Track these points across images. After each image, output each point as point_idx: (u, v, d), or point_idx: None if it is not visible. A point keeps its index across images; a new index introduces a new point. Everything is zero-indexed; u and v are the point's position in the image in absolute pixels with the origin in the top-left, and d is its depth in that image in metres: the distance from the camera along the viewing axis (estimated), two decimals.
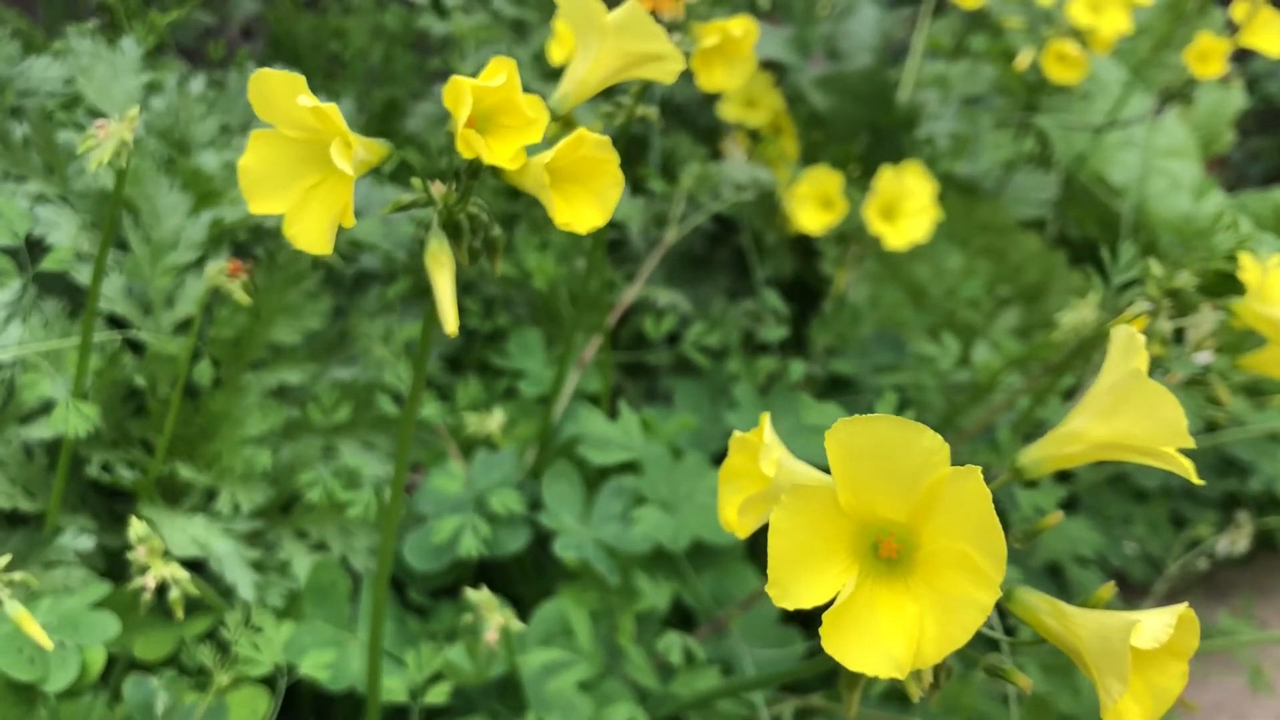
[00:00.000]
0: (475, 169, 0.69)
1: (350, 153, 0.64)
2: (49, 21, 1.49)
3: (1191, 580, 1.41)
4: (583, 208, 0.70)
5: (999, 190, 1.75)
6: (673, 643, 1.08)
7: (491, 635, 0.93)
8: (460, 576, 1.18)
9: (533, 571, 1.24)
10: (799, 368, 1.39)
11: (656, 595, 1.13)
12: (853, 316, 1.52)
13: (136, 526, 0.87)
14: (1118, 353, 0.62)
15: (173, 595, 0.87)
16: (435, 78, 1.72)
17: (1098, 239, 1.78)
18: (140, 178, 1.15)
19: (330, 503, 1.13)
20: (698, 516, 1.18)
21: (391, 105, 1.60)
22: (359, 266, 1.40)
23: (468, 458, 1.24)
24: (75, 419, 0.96)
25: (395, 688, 1.01)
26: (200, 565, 1.04)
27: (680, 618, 1.21)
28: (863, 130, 1.73)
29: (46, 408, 1.05)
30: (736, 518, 0.63)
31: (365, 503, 1.12)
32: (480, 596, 0.95)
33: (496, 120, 0.69)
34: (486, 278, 1.46)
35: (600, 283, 1.34)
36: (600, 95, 1.09)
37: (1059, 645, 0.58)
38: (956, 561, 0.51)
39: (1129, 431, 0.60)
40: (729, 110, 1.68)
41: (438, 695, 1.00)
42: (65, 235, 1.09)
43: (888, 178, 1.49)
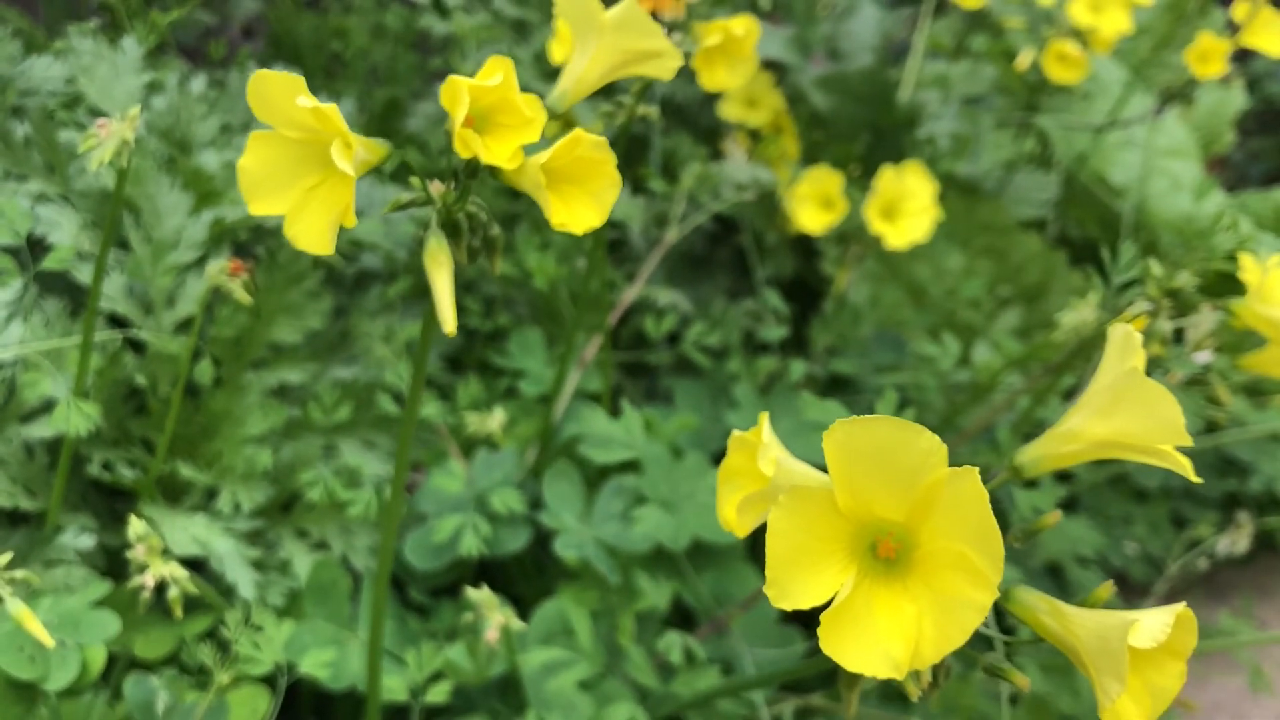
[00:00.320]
0: (473, 168, 0.69)
1: (351, 153, 0.64)
2: (50, 21, 1.49)
3: (1192, 580, 1.41)
4: (579, 208, 0.70)
5: (1000, 190, 1.75)
6: (673, 642, 1.08)
7: (492, 634, 0.93)
8: (461, 575, 1.18)
9: (533, 571, 1.24)
10: (799, 367, 1.39)
11: (657, 595, 1.14)
12: (853, 316, 1.52)
13: (135, 525, 0.87)
14: (1115, 351, 0.62)
15: (172, 594, 0.88)
16: (436, 77, 1.72)
17: (1098, 239, 1.78)
18: (141, 177, 1.15)
19: (331, 502, 1.13)
20: (698, 516, 1.18)
21: (393, 105, 1.60)
22: (360, 266, 1.40)
23: (468, 457, 1.24)
24: (76, 418, 0.96)
25: (396, 686, 1.01)
26: (201, 564, 1.05)
27: (680, 617, 1.21)
28: (863, 130, 1.73)
29: (48, 406, 1.05)
30: (735, 517, 0.63)
31: (366, 502, 1.13)
32: (481, 595, 0.95)
33: (494, 120, 0.69)
34: (487, 277, 1.47)
35: (601, 282, 1.34)
36: (601, 95, 1.09)
37: (1057, 645, 0.58)
38: (954, 562, 0.51)
39: (1127, 430, 0.60)
40: (730, 110, 1.68)
41: (438, 694, 1.00)
42: (66, 234, 1.09)
43: (888, 178, 1.49)
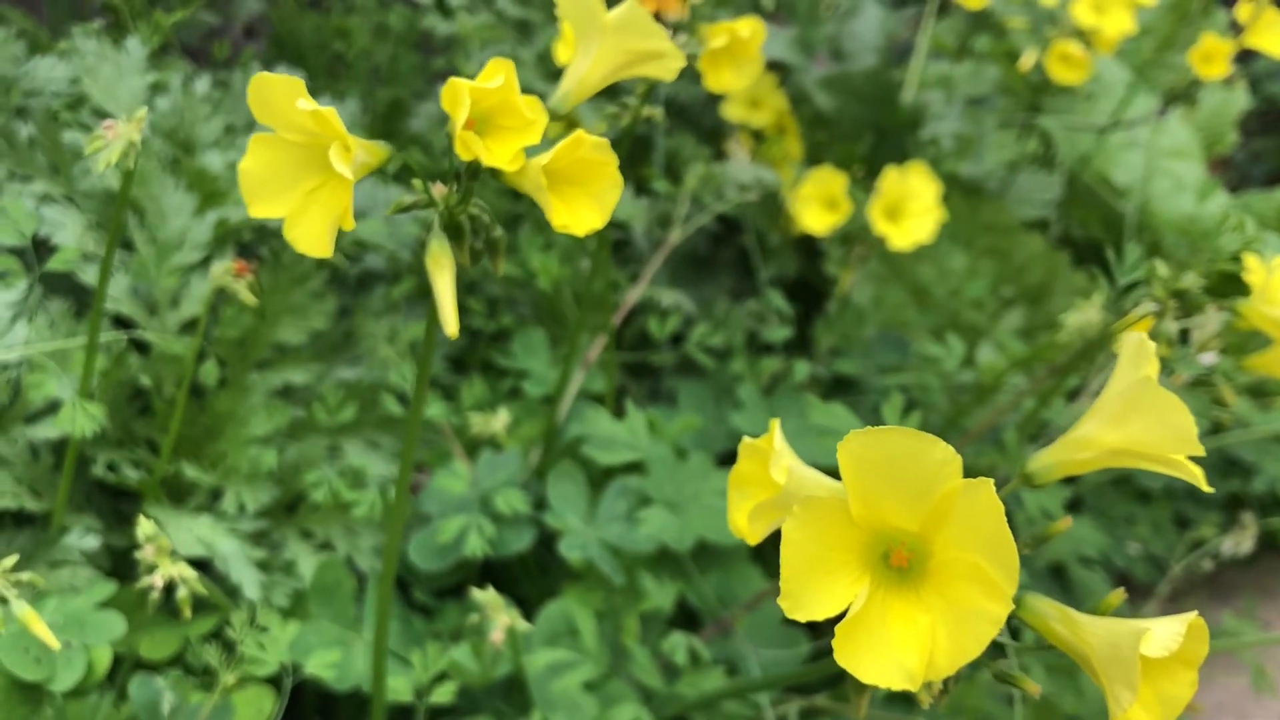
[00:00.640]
0: (475, 170, 0.69)
1: (349, 156, 0.64)
2: (54, 21, 1.49)
3: (1195, 581, 1.41)
4: (581, 210, 0.69)
5: (1003, 191, 1.75)
6: (678, 643, 1.09)
7: (498, 636, 0.93)
8: (465, 576, 1.18)
9: (537, 571, 1.24)
10: (804, 368, 1.39)
11: (661, 595, 1.14)
12: (857, 317, 1.52)
13: (144, 526, 0.87)
14: (1128, 359, 0.62)
15: (181, 594, 0.88)
16: (439, 78, 1.72)
17: (1101, 240, 1.78)
18: (146, 178, 1.15)
19: (335, 502, 1.13)
20: (702, 517, 1.18)
21: (395, 105, 1.60)
22: (363, 266, 1.40)
23: (473, 458, 1.24)
24: (81, 419, 0.96)
25: (401, 687, 1.01)
26: (205, 565, 1.05)
27: (685, 618, 1.21)
28: (867, 131, 1.73)
29: (53, 407, 1.05)
30: (747, 524, 0.63)
31: (370, 502, 1.13)
32: (486, 597, 0.95)
33: (495, 121, 0.69)
34: (491, 277, 1.46)
35: (605, 283, 1.34)
36: (605, 96, 1.09)
37: (1068, 652, 0.58)
38: (968, 573, 0.51)
39: (1140, 438, 0.60)
40: (733, 111, 1.68)
41: (443, 695, 1.00)
42: (71, 235, 1.09)
43: (892, 178, 1.49)
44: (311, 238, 0.67)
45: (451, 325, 0.68)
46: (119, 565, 1.06)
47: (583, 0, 0.77)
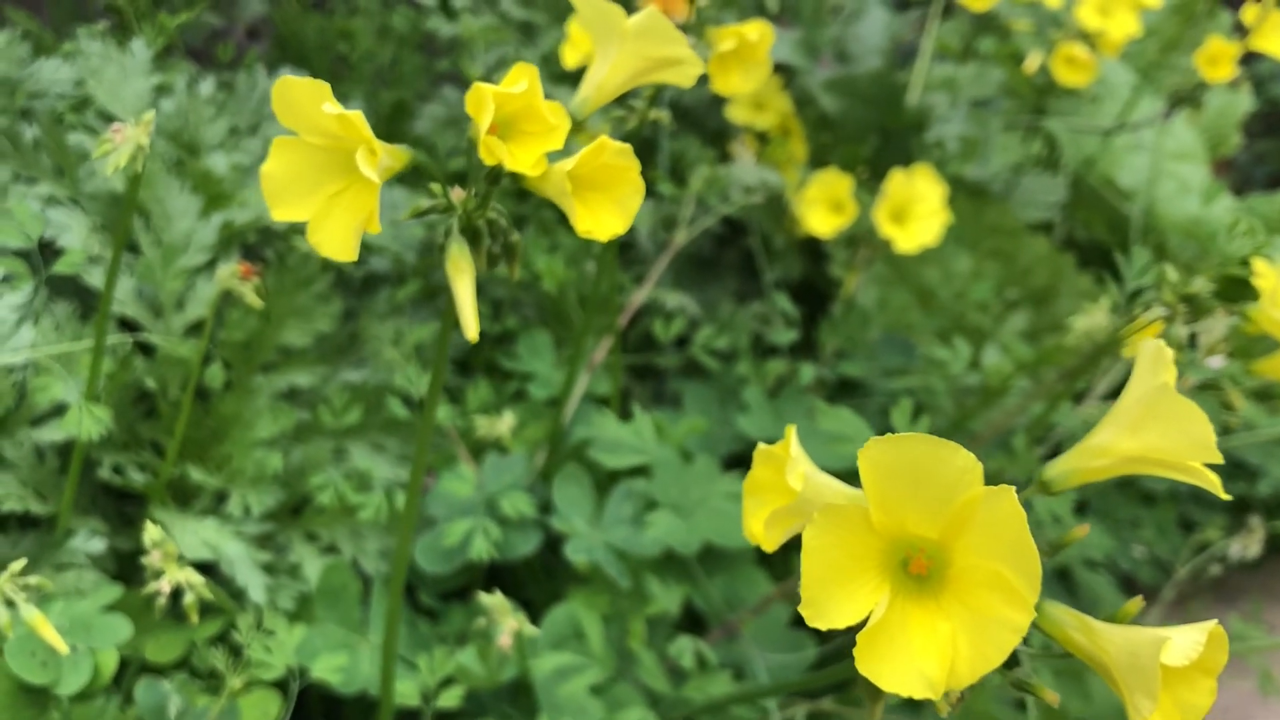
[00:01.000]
0: (496, 175, 0.69)
1: (376, 160, 0.64)
2: (57, 23, 1.49)
3: (1201, 584, 1.41)
4: (604, 215, 0.70)
5: (1007, 193, 1.75)
6: (684, 647, 1.08)
7: (505, 639, 0.93)
8: (471, 579, 1.18)
9: (543, 575, 1.24)
10: (809, 371, 1.39)
11: (668, 599, 1.13)
12: (862, 319, 1.52)
13: (151, 531, 0.87)
14: (1146, 365, 0.61)
15: (188, 600, 0.87)
16: (443, 80, 1.71)
17: (1106, 242, 1.78)
18: (151, 180, 1.14)
19: (341, 505, 1.13)
20: (709, 520, 1.18)
21: (399, 107, 1.60)
22: (368, 269, 1.40)
23: (478, 460, 1.24)
24: (87, 421, 0.96)
25: (408, 691, 1.01)
26: (211, 568, 1.04)
27: (691, 622, 1.21)
28: (872, 133, 1.73)
29: (58, 410, 1.05)
30: (762, 531, 0.63)
31: (376, 505, 1.12)
32: (493, 600, 0.95)
33: (518, 126, 0.69)
34: (495, 280, 1.46)
35: (610, 285, 1.34)
36: (611, 100, 1.09)
37: (1086, 660, 0.58)
38: (989, 581, 0.51)
39: (1156, 445, 0.60)
40: (738, 113, 1.68)
41: (450, 699, 1.00)
42: (76, 238, 1.09)
43: (898, 181, 1.49)
44: (336, 241, 0.68)
45: (472, 329, 0.68)
46: (124, 568, 1.06)
47: (602, 6, 0.77)
